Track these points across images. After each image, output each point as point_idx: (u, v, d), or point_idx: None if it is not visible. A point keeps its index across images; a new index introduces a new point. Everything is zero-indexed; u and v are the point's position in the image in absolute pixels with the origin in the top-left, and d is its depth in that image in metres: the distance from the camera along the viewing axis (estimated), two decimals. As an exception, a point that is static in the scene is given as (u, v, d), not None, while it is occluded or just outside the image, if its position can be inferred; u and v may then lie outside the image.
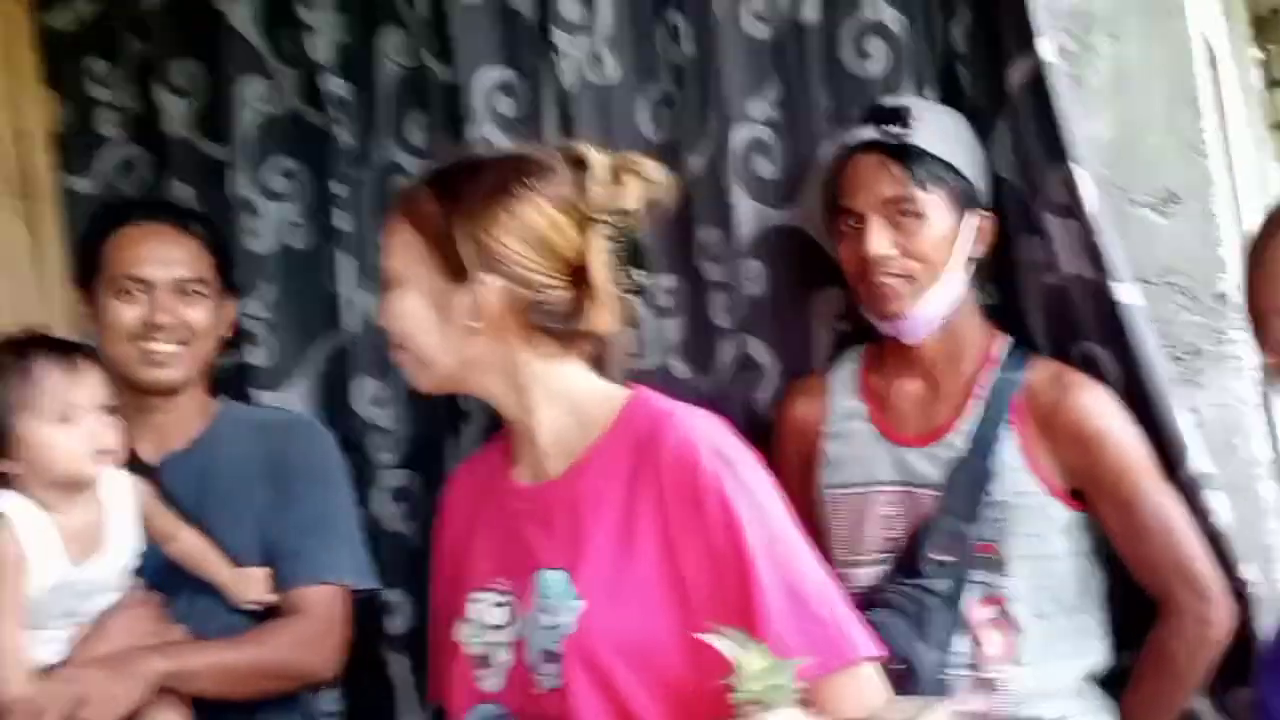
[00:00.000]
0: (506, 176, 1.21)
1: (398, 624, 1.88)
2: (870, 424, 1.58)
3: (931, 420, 1.55)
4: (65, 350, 1.42)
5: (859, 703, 1.13)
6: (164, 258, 1.62)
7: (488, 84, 1.82)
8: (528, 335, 1.21)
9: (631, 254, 1.23)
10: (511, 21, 1.83)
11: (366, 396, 1.93)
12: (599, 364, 1.27)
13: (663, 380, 1.74)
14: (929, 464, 1.53)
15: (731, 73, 1.68)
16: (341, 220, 1.94)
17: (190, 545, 1.54)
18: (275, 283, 1.96)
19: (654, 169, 1.24)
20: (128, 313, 1.60)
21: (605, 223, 1.21)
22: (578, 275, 1.20)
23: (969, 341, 1.57)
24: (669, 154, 1.75)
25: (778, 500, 1.20)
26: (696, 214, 1.73)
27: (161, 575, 1.53)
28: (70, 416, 1.38)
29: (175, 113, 2.06)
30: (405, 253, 1.22)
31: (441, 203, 1.21)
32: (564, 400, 1.24)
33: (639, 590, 1.16)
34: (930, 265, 1.50)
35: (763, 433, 1.66)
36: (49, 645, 1.41)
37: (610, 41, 1.76)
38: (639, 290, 1.26)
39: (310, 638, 1.55)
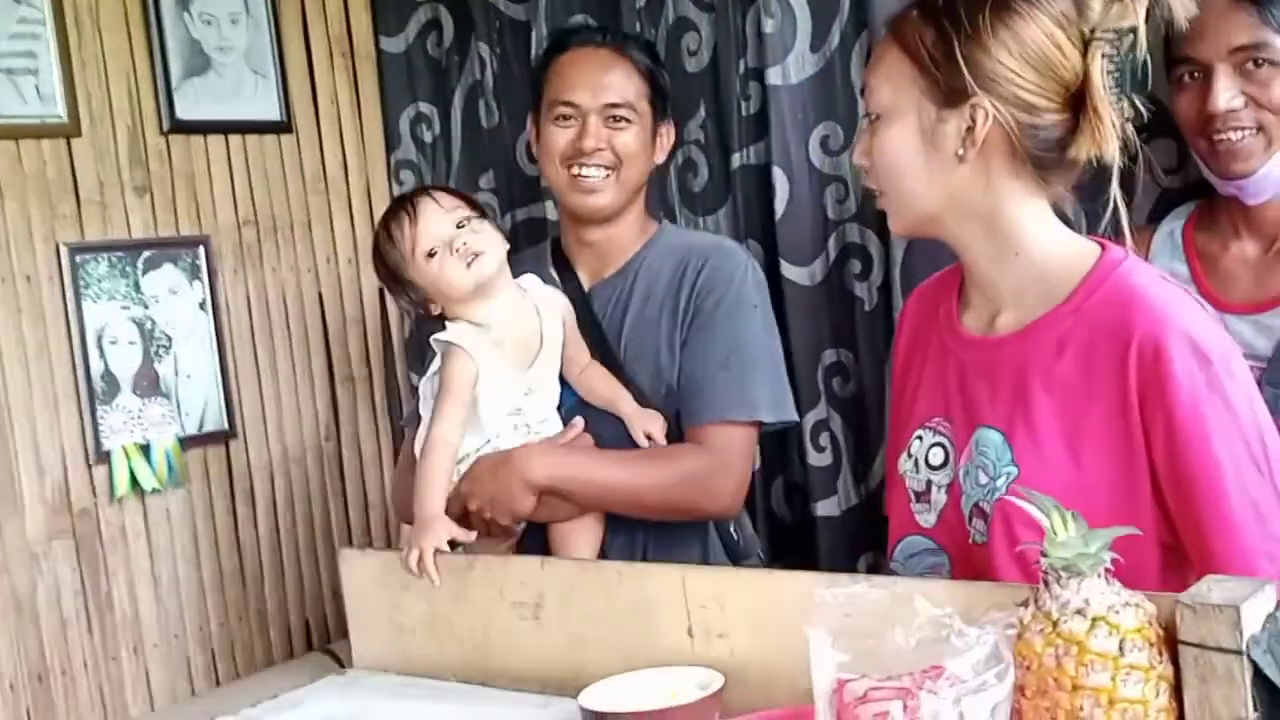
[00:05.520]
0: None
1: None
2: (1193, 287, 1.40)
3: (1266, 288, 1.37)
4: (402, 201, 1.50)
5: None
6: (594, 84, 1.57)
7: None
8: (1013, 167, 1.11)
9: (1132, 77, 1.09)
10: None
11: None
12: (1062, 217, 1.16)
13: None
14: (1257, 333, 1.36)
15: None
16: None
17: (597, 375, 1.55)
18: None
19: None
20: (560, 137, 1.58)
21: (1106, 40, 1.08)
22: (1074, 99, 1.08)
23: (1316, 203, 1.36)
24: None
25: (1254, 401, 1.07)
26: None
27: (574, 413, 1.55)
28: (432, 249, 1.45)
29: (479, -26, 2.06)
30: (896, 79, 1.12)
31: (938, 24, 1.10)
32: (1034, 250, 1.13)
33: (1079, 471, 1.08)
34: None
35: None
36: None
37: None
38: (1140, 117, 1.11)
39: (709, 474, 1.50)
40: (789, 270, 1.77)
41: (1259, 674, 0.82)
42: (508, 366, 1.47)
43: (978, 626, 0.84)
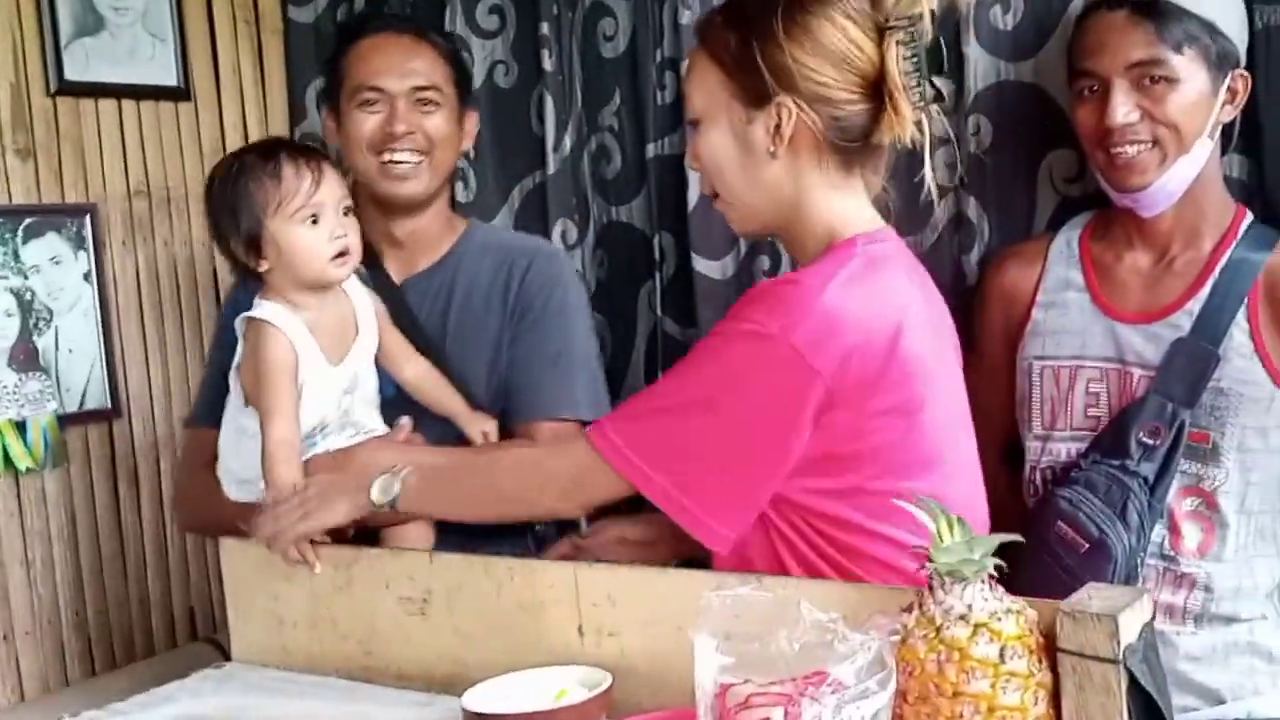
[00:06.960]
0: None
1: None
2: (1087, 295, 1.44)
3: (1158, 298, 1.40)
4: (308, 154, 1.41)
5: None
6: (401, 68, 1.55)
7: (702, -80, 1.69)
8: (818, 158, 1.15)
9: (929, 60, 1.13)
10: None
11: (562, 237, 1.89)
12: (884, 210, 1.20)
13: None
14: (1147, 342, 1.39)
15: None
16: (547, 60, 1.85)
17: (423, 372, 1.51)
18: (481, 120, 1.90)
19: None
20: (368, 123, 1.55)
21: (900, 28, 1.11)
22: (874, 88, 1.13)
23: (1209, 215, 1.40)
24: None
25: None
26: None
27: (396, 408, 1.50)
28: (317, 217, 1.37)
29: (393, -55, 2.00)
30: (705, 85, 1.18)
31: (738, 28, 1.15)
32: (837, 237, 1.16)
33: None
34: (1179, 133, 1.33)
35: (969, 296, 1.54)
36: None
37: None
38: (940, 98, 1.17)
39: None
40: (700, 264, 1.77)
41: (1134, 683, 0.84)
42: (323, 356, 1.39)
43: (862, 631, 0.84)
